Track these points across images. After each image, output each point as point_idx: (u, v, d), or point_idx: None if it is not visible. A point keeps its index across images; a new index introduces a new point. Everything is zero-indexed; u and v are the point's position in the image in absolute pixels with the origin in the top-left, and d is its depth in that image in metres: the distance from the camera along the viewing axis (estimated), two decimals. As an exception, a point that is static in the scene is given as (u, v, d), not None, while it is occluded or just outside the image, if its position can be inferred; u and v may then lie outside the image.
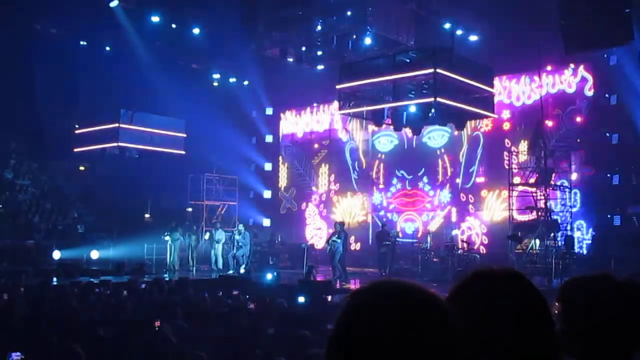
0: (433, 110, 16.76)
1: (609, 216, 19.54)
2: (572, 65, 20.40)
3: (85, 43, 24.70)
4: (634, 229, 18.78)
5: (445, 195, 23.37)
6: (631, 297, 1.95)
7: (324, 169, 27.26)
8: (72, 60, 24.50)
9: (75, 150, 25.15)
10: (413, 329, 1.22)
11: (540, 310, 1.54)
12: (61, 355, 5.87)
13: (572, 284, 2.04)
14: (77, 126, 25.11)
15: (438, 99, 15.82)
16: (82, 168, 27.82)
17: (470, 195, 22.67)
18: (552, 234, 18.14)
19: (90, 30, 24.08)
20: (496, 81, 19.11)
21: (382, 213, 24.86)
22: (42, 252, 22.04)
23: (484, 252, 21.11)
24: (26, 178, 26.58)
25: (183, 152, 25.00)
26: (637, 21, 15.77)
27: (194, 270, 22.06)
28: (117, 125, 23.32)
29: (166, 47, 24.46)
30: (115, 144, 23.62)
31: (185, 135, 25.04)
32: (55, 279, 16.95)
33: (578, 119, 20.41)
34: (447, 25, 20.46)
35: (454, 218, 22.92)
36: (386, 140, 25.06)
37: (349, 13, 19.37)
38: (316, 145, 27.50)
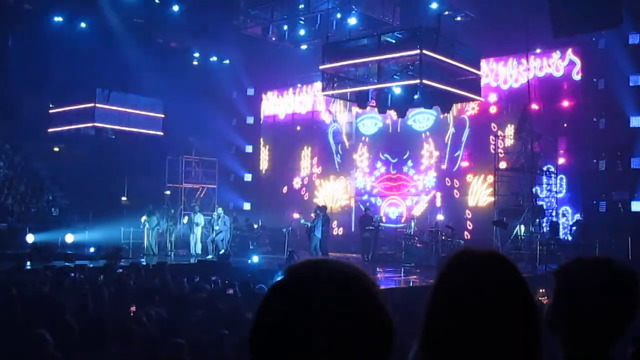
0: (418, 93, 16.52)
1: (594, 202, 19.36)
2: (560, 49, 20.16)
3: (60, 19, 23.83)
4: (619, 215, 18.63)
5: (429, 179, 23.06)
6: (628, 284, 1.94)
7: (306, 152, 26.81)
8: (46, 37, 23.68)
9: (50, 130, 24.52)
10: (326, 311, 1.19)
11: (521, 291, 1.55)
12: (29, 340, 5.55)
13: (572, 265, 2.02)
14: (51, 105, 24.45)
15: (424, 81, 15.54)
16: (56, 149, 27.10)
17: (455, 180, 22.37)
18: (537, 220, 17.99)
19: (65, 6, 23.29)
20: (483, 63, 18.82)
21: (365, 197, 24.52)
22: (16, 235, 21.54)
23: (469, 237, 20.87)
24: (-2, 159, 25.87)
25: (161, 133, 24.44)
26: (626, 5, 15.57)
27: (172, 255, 21.66)
28: (92, 104, 22.72)
29: (144, 24, 23.73)
30: (90, 124, 23.02)
31: (163, 115, 24.44)
32: (28, 263, 16.63)
33: (565, 104, 20.18)
34: (434, 6, 20.01)
35: (438, 203, 22.63)
36: (370, 122, 24.65)
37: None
38: (298, 127, 27.03)
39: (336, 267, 1.27)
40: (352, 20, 19.13)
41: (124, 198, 26.29)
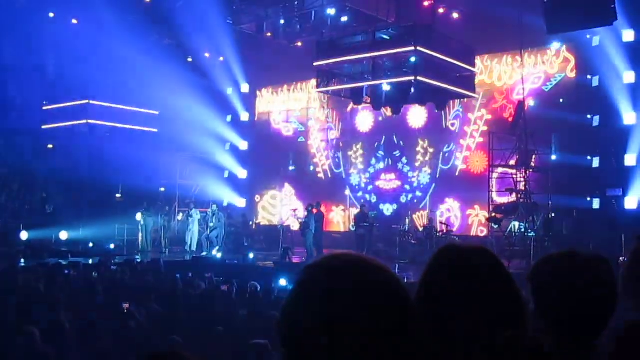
0: (413, 90, 16.52)
1: (588, 199, 19.37)
2: (554, 46, 20.17)
3: (53, 15, 23.72)
4: (613, 212, 18.63)
5: (424, 176, 23.05)
6: (597, 272, 1.90)
7: (300, 149, 26.75)
8: (39, 32, 23.56)
9: (44, 127, 24.42)
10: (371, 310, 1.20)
11: (506, 283, 1.57)
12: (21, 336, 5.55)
13: (539, 263, 2.01)
14: (45, 102, 24.33)
15: (418, 78, 15.57)
16: (50, 146, 26.97)
17: (449, 177, 22.35)
18: (532, 217, 17.96)
19: (58, 2, 23.16)
20: (477, 60, 18.81)
21: (360, 194, 24.48)
22: (9, 233, 21.44)
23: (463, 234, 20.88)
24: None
25: (156, 130, 24.36)
26: (620, 2, 15.53)
27: (167, 252, 21.60)
28: (86, 101, 22.65)
29: (138, 21, 23.61)
30: (84, 121, 22.96)
31: (158, 112, 24.35)
32: (22, 261, 16.56)
33: (559, 100, 20.19)
34: (428, 2, 19.96)
35: (433, 200, 22.61)
36: (365, 119, 24.61)
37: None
38: (293, 124, 26.98)
39: (359, 261, 1.27)
40: (346, 17, 19.08)
41: (118, 195, 26.24)
